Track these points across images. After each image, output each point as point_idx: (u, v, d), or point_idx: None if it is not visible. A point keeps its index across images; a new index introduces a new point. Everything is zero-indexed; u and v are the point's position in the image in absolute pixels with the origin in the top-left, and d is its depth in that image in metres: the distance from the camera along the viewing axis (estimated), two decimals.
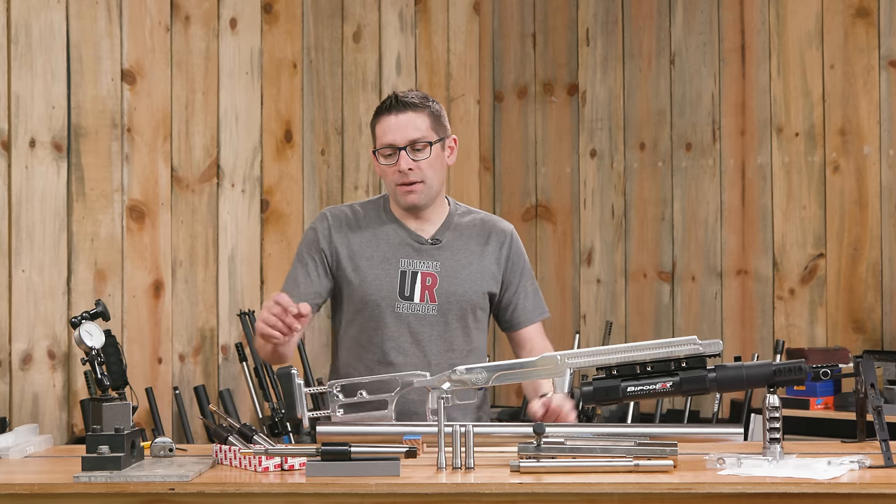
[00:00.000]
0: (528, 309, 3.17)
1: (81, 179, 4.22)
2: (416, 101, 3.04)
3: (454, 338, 3.07)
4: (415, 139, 3.00)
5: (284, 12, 4.89)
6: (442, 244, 3.08)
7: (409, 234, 3.07)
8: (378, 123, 3.04)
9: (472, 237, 3.12)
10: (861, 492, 2.25)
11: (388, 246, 3.06)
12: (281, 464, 2.47)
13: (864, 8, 4.81)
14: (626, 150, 5.39)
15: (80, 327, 2.80)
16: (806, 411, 4.49)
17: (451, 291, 3.05)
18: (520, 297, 3.15)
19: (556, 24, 5.57)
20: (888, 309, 4.74)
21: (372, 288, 3.04)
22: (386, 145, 3.01)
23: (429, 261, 3.06)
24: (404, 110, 3.01)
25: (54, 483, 2.40)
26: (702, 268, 5.19)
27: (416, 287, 3.04)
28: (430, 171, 3.03)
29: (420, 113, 3.02)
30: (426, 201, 3.05)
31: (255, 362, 4.58)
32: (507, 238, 3.15)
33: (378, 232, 3.08)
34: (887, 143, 4.75)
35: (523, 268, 3.17)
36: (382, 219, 3.10)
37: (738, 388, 2.55)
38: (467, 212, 3.17)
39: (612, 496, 2.29)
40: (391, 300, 3.03)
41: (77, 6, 4.21)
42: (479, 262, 3.10)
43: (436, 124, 3.05)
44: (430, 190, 3.04)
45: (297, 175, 4.92)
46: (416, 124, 3.01)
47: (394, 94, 3.06)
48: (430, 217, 3.10)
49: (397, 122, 3.01)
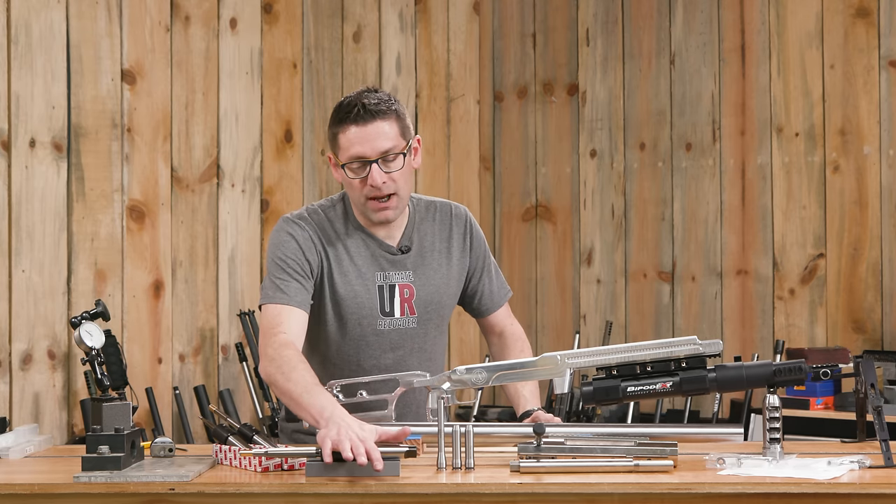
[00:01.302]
0: (495, 293, 3.07)
1: (81, 179, 4.22)
2: (383, 106, 2.77)
3: (433, 347, 2.97)
4: (386, 150, 2.76)
5: (284, 12, 4.89)
6: (411, 251, 2.92)
7: (378, 244, 2.88)
8: (342, 133, 2.78)
9: (435, 234, 2.96)
10: (861, 492, 2.25)
11: (361, 259, 2.87)
12: (281, 464, 2.47)
13: (864, 8, 4.81)
14: (626, 150, 5.39)
15: (80, 327, 2.80)
16: (806, 411, 4.49)
17: (428, 301, 2.92)
18: (485, 284, 3.05)
19: (556, 24, 5.57)
20: (888, 309, 4.73)
21: (352, 306, 2.86)
22: (354, 158, 2.76)
23: (402, 271, 2.89)
24: (372, 119, 2.75)
25: (54, 483, 2.40)
26: (702, 268, 5.18)
27: (396, 301, 2.88)
28: (402, 182, 2.80)
29: (387, 119, 2.77)
30: (399, 215, 2.86)
31: (254, 362, 4.58)
32: (465, 224, 2.99)
33: (348, 244, 2.87)
34: (887, 143, 4.75)
35: (484, 252, 3.04)
36: (349, 229, 2.88)
37: (738, 388, 2.55)
38: (421, 203, 2.99)
39: (612, 496, 2.29)
40: (373, 318, 2.86)
41: (77, 6, 4.21)
42: (448, 263, 2.98)
43: (402, 128, 2.80)
44: (402, 202, 2.83)
45: (297, 175, 4.92)
46: (386, 133, 2.76)
47: (357, 100, 2.78)
48: (396, 222, 2.90)
49: (366, 132, 2.75)
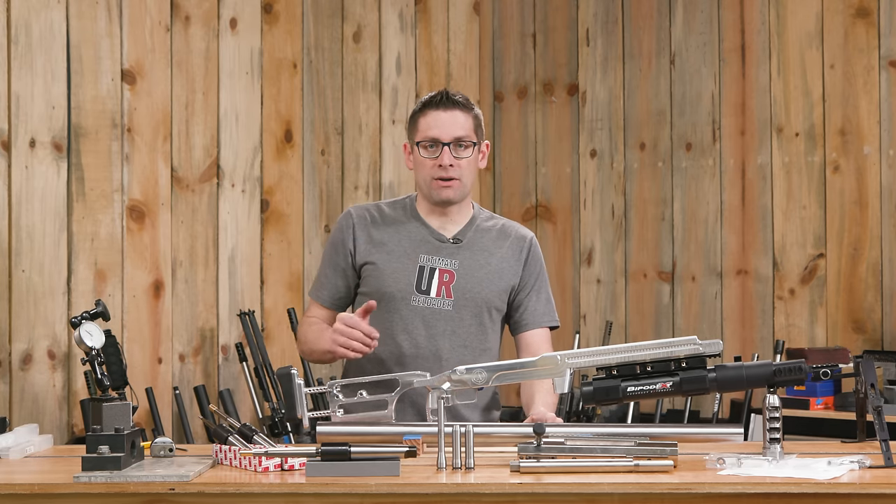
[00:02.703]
0: (539, 312, 3.18)
1: (81, 179, 4.22)
2: (464, 101, 3.11)
3: (468, 335, 3.09)
4: (460, 137, 3.07)
5: (284, 12, 4.89)
6: (462, 244, 3.13)
7: (430, 232, 3.13)
8: (423, 116, 3.09)
9: (491, 239, 3.17)
10: (861, 492, 2.25)
11: (409, 242, 3.12)
12: (281, 464, 2.47)
13: (864, 8, 4.81)
14: (626, 150, 5.39)
15: (80, 327, 2.81)
16: (806, 411, 4.49)
17: (467, 288, 3.09)
18: (531, 300, 3.18)
19: (556, 24, 5.57)
20: (888, 309, 4.74)
21: (390, 280, 3.09)
22: (430, 139, 3.07)
23: (448, 258, 3.10)
24: (453, 108, 3.08)
25: (54, 483, 2.40)
26: (702, 268, 5.19)
27: (434, 282, 3.09)
28: (468, 171, 3.10)
29: (466, 113, 3.09)
30: (459, 198, 3.11)
31: (255, 362, 4.58)
32: (526, 243, 3.21)
33: (400, 228, 3.14)
34: (887, 143, 4.75)
35: (539, 273, 3.21)
36: (407, 216, 3.16)
37: (738, 388, 2.55)
38: (490, 217, 3.23)
39: (612, 496, 2.29)
40: (407, 293, 3.07)
41: (77, 6, 4.21)
42: (498, 263, 3.15)
43: (476, 126, 3.12)
44: (464, 188, 3.10)
45: (297, 175, 4.92)
46: (462, 123, 3.08)
47: (444, 90, 3.12)
48: (454, 217, 3.15)
49: (445, 117, 3.07)
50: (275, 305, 4.80)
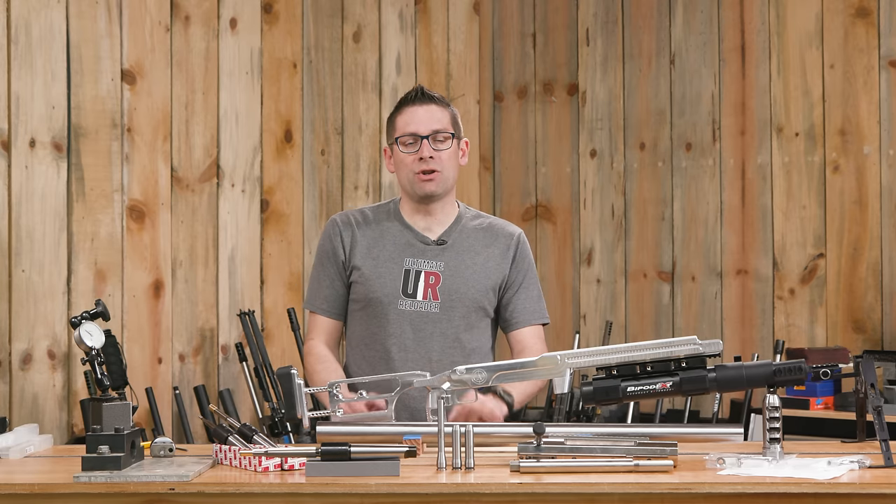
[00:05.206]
0: (528, 310, 3.18)
1: (81, 179, 4.22)
2: (439, 97, 3.16)
3: (457, 335, 3.09)
4: (438, 129, 3.10)
5: (284, 12, 4.89)
6: (447, 245, 3.13)
7: (415, 234, 3.14)
8: (401, 114, 3.13)
9: (477, 239, 3.16)
10: (861, 492, 2.25)
11: (393, 246, 3.13)
12: (281, 464, 2.47)
13: (864, 8, 4.81)
14: (626, 150, 5.39)
15: (80, 327, 2.80)
16: (806, 411, 4.49)
17: (453, 289, 3.09)
18: (520, 298, 3.17)
19: (556, 24, 5.57)
20: (888, 309, 4.73)
21: (376, 285, 3.10)
22: (408, 134, 3.10)
23: (433, 260, 3.11)
24: (429, 102, 3.12)
25: (54, 483, 2.40)
26: (702, 268, 5.18)
27: (420, 285, 3.09)
28: (448, 164, 3.11)
29: (443, 108, 3.14)
30: (441, 191, 3.12)
31: (254, 362, 4.58)
32: (513, 240, 3.19)
33: (384, 232, 3.15)
34: (887, 143, 4.75)
35: (528, 270, 3.20)
36: (391, 220, 3.17)
37: (738, 388, 2.55)
38: (477, 216, 3.23)
39: (612, 496, 2.29)
40: (394, 297, 3.08)
41: (77, 6, 4.21)
42: (484, 263, 3.14)
43: (454, 121, 3.16)
44: (446, 182, 3.12)
45: (297, 175, 4.92)
46: (439, 117, 3.12)
47: (419, 86, 3.18)
48: (439, 217, 3.15)
49: (421, 112, 3.11)
50: (275, 305, 4.80)
